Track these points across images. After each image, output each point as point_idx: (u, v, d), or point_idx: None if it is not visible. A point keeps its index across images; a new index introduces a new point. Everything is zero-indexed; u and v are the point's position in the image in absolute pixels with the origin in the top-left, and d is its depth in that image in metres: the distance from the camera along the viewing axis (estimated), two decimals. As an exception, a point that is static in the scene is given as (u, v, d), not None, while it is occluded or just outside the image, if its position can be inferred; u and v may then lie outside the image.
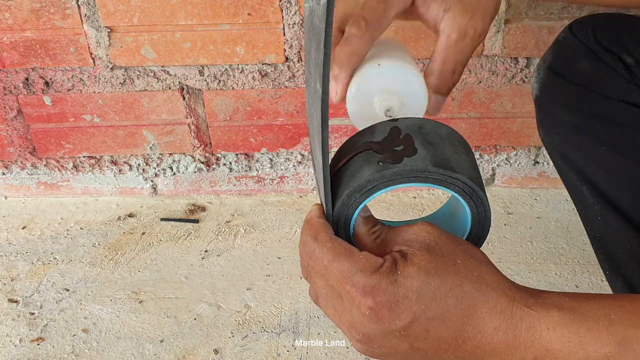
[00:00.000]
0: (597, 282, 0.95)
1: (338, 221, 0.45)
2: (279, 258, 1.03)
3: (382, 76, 0.49)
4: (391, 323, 0.39)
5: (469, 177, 0.43)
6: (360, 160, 0.44)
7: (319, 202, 0.47)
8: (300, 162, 1.14)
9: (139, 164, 1.15)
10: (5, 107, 1.08)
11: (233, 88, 1.05)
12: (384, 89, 0.49)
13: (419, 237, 0.43)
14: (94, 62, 1.02)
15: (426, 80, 0.51)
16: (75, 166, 1.16)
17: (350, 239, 0.47)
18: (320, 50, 0.36)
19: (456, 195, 0.44)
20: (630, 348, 0.38)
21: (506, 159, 1.13)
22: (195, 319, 0.92)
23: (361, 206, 0.45)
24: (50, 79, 1.04)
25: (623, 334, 0.38)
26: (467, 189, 0.44)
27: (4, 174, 1.17)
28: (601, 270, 0.74)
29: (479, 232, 0.47)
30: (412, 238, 0.43)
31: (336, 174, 0.46)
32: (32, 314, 0.94)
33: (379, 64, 0.48)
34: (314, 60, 0.39)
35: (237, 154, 1.13)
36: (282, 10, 0.96)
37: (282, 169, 1.15)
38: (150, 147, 1.12)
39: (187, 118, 1.09)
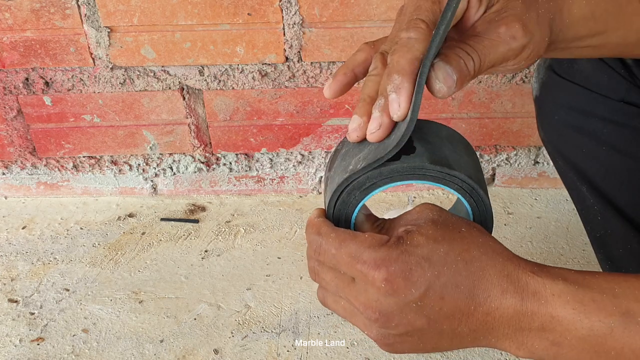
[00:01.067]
0: (597, 282, 0.95)
1: (339, 220, 0.46)
2: (279, 258, 1.03)
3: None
4: (407, 293, 0.40)
5: (467, 174, 0.44)
6: (360, 158, 0.44)
7: (320, 207, 0.47)
8: (300, 162, 1.14)
9: (139, 164, 1.15)
10: (5, 107, 1.08)
11: (233, 88, 1.05)
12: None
13: (422, 214, 0.44)
14: (94, 62, 1.02)
15: (439, 56, 0.43)
16: (75, 166, 1.16)
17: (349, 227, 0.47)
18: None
19: (455, 192, 0.44)
20: (634, 321, 0.39)
21: (506, 159, 1.13)
22: (195, 319, 0.92)
23: (361, 204, 0.45)
24: (50, 79, 1.04)
25: (627, 307, 0.39)
26: (466, 187, 0.44)
27: (4, 174, 1.17)
28: (601, 270, 0.74)
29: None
30: (416, 216, 0.44)
31: (335, 173, 0.46)
32: (32, 314, 0.94)
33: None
34: None
35: (237, 154, 1.13)
36: (282, 10, 0.96)
37: (282, 169, 1.15)
38: (150, 147, 1.12)
39: (187, 118, 1.09)
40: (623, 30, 0.51)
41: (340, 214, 0.45)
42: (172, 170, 1.16)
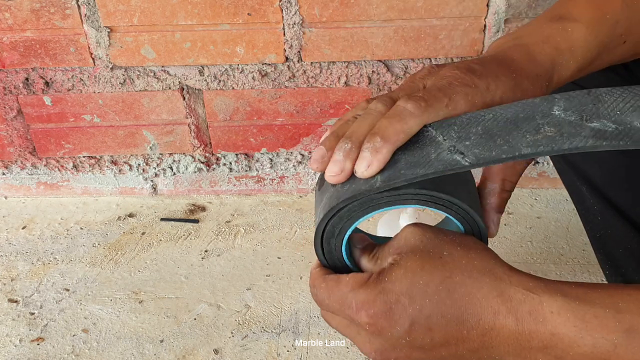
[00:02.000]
0: (597, 282, 0.95)
1: (331, 254, 0.45)
2: (279, 258, 1.03)
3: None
4: (392, 331, 0.39)
5: (459, 198, 0.42)
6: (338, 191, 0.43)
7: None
8: (300, 162, 1.14)
9: (139, 164, 1.15)
10: (5, 107, 1.08)
11: (233, 88, 1.05)
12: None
13: (406, 241, 0.43)
14: (94, 62, 1.02)
15: (486, 198, 0.48)
16: (75, 166, 1.16)
17: (343, 258, 0.46)
18: None
19: (447, 214, 0.44)
20: (638, 336, 0.37)
21: (506, 159, 1.13)
22: (195, 319, 0.92)
23: (347, 234, 0.44)
24: (50, 79, 1.04)
25: (631, 322, 0.38)
26: (460, 210, 0.43)
27: (4, 174, 1.17)
28: (601, 270, 0.74)
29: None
30: (402, 244, 0.43)
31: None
32: (32, 314, 0.94)
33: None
34: None
35: (237, 154, 1.13)
36: (282, 10, 0.96)
37: (282, 169, 1.15)
38: (150, 147, 1.12)
39: (187, 118, 1.09)
40: (607, 63, 0.53)
41: (331, 248, 0.45)
42: (172, 170, 1.16)
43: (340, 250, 0.45)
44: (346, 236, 0.44)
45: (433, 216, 0.65)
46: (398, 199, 0.41)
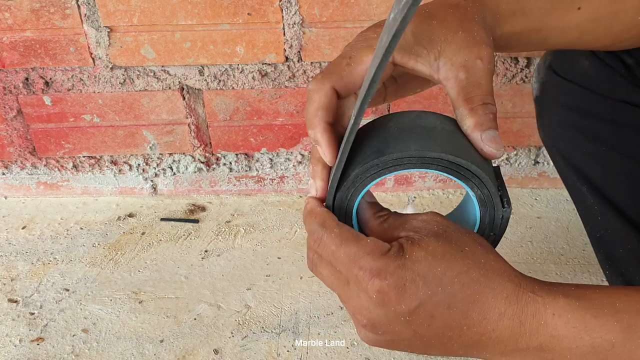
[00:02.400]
0: (597, 282, 0.95)
1: (340, 208, 0.45)
2: (279, 258, 1.03)
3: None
4: (397, 307, 0.39)
5: (471, 161, 0.43)
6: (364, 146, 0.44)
7: (311, 195, 0.47)
8: (300, 162, 1.14)
9: (139, 164, 1.15)
10: (5, 107, 1.08)
11: (233, 88, 1.05)
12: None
13: (427, 225, 0.43)
14: (94, 62, 1.02)
15: (463, 126, 0.45)
16: (75, 166, 1.16)
17: (352, 224, 0.46)
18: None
19: (447, 175, 0.44)
20: (636, 335, 0.38)
21: (506, 159, 1.13)
22: (195, 319, 0.92)
23: (363, 191, 0.44)
24: (50, 78, 1.04)
25: (628, 322, 0.38)
26: (476, 180, 0.44)
27: (4, 174, 1.17)
28: (601, 270, 0.74)
29: (489, 228, 0.47)
30: (421, 226, 0.43)
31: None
32: (32, 314, 0.94)
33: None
34: (382, 44, 0.38)
35: (237, 154, 1.13)
36: (282, 10, 0.96)
37: (282, 169, 1.15)
38: (150, 147, 1.12)
39: (187, 118, 1.09)
40: (561, 27, 0.51)
41: (342, 202, 0.45)
42: (172, 170, 1.16)
43: (354, 201, 0.45)
44: (366, 188, 0.44)
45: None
46: (427, 162, 0.43)
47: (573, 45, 0.54)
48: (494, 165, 0.49)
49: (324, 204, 0.46)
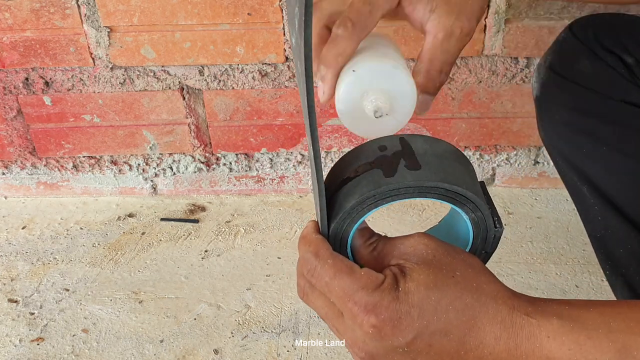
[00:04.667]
0: (597, 282, 0.95)
1: (335, 238, 0.45)
2: (279, 258, 1.03)
3: (369, 76, 0.47)
4: (394, 340, 0.40)
5: (472, 191, 0.43)
6: (359, 178, 0.44)
7: (314, 219, 0.46)
8: (300, 162, 1.14)
9: (139, 164, 1.15)
10: (5, 107, 1.08)
11: (233, 88, 1.05)
12: (372, 88, 0.47)
13: (416, 250, 0.43)
14: (93, 62, 1.02)
15: (414, 77, 0.51)
16: (75, 166, 1.16)
17: (346, 253, 0.46)
18: (301, 58, 0.37)
19: (457, 208, 0.44)
20: (630, 355, 0.38)
21: (506, 159, 1.13)
22: (195, 319, 0.92)
23: (359, 222, 0.44)
24: (50, 78, 1.04)
25: (623, 342, 0.38)
26: (471, 205, 0.44)
27: (4, 174, 1.17)
28: (601, 270, 0.74)
29: (481, 246, 0.47)
30: (410, 251, 0.43)
31: (338, 189, 0.45)
32: (32, 314, 0.94)
33: (366, 64, 0.47)
34: (299, 71, 0.40)
35: (237, 154, 1.13)
36: (282, 10, 0.96)
37: (282, 169, 1.15)
38: (150, 147, 1.12)
39: (187, 118, 1.09)
40: None
41: (338, 230, 0.45)
42: (172, 170, 1.16)
43: (349, 232, 0.45)
44: (362, 219, 0.44)
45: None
46: (424, 191, 0.43)
47: None
48: (479, 181, 0.49)
49: (320, 230, 0.45)
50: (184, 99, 1.06)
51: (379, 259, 0.44)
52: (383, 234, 0.47)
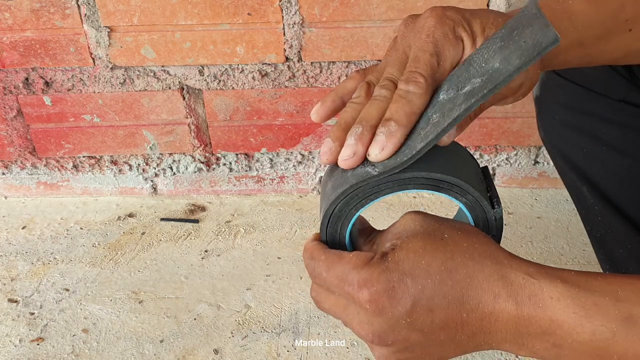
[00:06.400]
0: (597, 282, 0.95)
1: (333, 242, 0.46)
2: (279, 258, 1.03)
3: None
4: (393, 310, 0.39)
5: (467, 181, 0.43)
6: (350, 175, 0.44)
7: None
8: (300, 162, 1.14)
9: (139, 164, 1.15)
10: (5, 107, 1.08)
11: (233, 88, 1.05)
12: None
13: (405, 226, 0.43)
14: (94, 62, 1.02)
15: None
16: (75, 166, 1.16)
17: (345, 248, 0.46)
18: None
19: (454, 199, 0.44)
20: (636, 325, 0.38)
21: (506, 159, 1.13)
22: (195, 319, 0.92)
23: (351, 222, 0.45)
24: (50, 78, 1.04)
25: (630, 311, 0.38)
26: (469, 198, 0.44)
27: (4, 174, 1.17)
28: (601, 270, 0.74)
29: (485, 230, 0.47)
30: (400, 230, 0.43)
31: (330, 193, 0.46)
32: (32, 314, 0.94)
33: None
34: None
35: (237, 154, 1.13)
36: (282, 10, 0.96)
37: (282, 169, 1.15)
38: (150, 147, 1.12)
39: (187, 118, 1.09)
40: (610, 49, 0.51)
41: (334, 235, 0.45)
42: (172, 170, 1.16)
43: (344, 233, 0.45)
44: (353, 219, 0.44)
45: None
46: (404, 183, 0.43)
47: (613, 62, 0.54)
48: (482, 166, 0.49)
49: (320, 239, 0.46)
50: (184, 99, 1.06)
51: (378, 250, 0.44)
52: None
